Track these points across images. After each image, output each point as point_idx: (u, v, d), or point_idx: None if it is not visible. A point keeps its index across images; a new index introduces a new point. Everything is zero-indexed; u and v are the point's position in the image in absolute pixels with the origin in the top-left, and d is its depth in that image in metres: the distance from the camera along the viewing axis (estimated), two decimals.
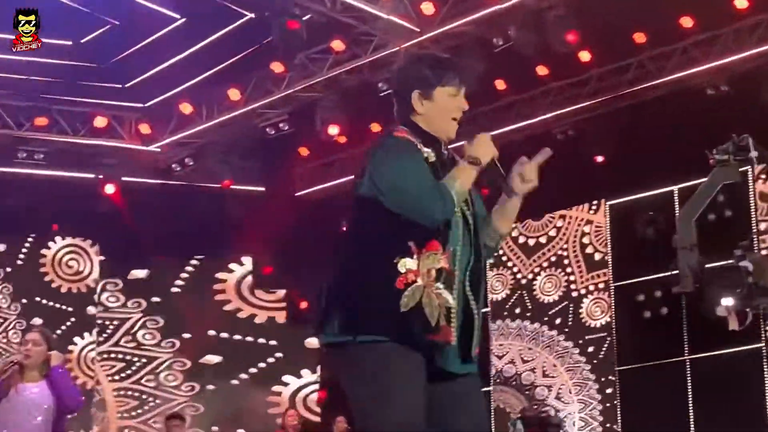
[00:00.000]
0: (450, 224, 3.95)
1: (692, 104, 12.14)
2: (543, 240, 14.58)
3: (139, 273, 15.43)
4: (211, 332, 15.50)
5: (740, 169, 10.29)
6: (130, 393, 15.37)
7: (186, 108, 13.80)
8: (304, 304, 15.20)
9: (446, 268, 3.91)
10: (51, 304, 15.03)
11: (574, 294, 14.21)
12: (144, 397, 15.37)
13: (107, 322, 15.32)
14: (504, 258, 14.78)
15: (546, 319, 14.39)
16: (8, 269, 14.87)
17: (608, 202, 14.04)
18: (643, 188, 13.44)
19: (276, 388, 15.45)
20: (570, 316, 14.20)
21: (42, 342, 7.42)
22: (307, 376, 15.50)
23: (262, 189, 14.94)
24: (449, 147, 4.15)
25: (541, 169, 4.18)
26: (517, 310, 14.64)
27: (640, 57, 12.59)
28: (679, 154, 11.80)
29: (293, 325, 15.32)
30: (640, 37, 12.19)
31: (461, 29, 11.90)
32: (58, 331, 14.80)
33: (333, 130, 13.25)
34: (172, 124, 14.12)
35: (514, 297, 14.70)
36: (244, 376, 15.38)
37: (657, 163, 12.66)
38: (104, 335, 15.29)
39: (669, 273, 12.53)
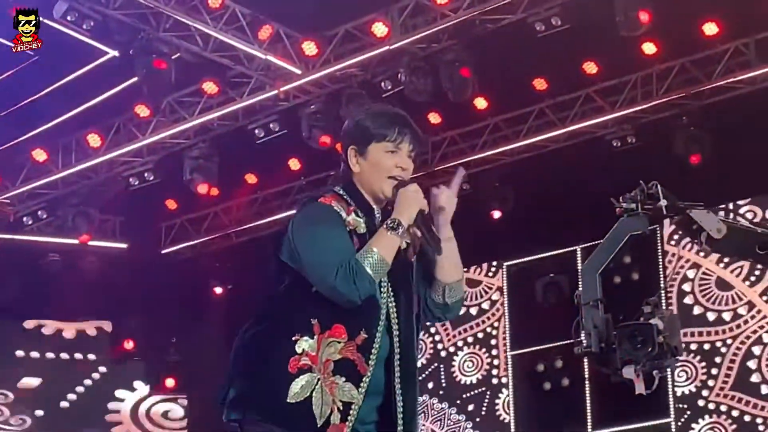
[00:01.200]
0: (366, 306, 3.84)
1: (597, 156, 12.10)
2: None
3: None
4: None
5: (649, 227, 10.18)
6: None
7: (39, 155, 13.39)
8: (170, 382, 14.84)
9: (350, 359, 3.81)
10: None
11: (443, 353, 13.93)
12: None
13: None
14: None
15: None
16: None
17: (505, 263, 13.85)
18: (543, 247, 13.30)
19: None
20: (442, 376, 13.92)
21: None
22: None
23: (125, 246, 14.59)
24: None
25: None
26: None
27: (540, 105, 12.49)
28: (582, 210, 11.61)
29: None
30: (540, 84, 12.10)
31: (346, 72, 11.81)
32: None
33: (202, 188, 12.98)
34: (24, 173, 13.73)
35: None
36: None
37: (558, 220, 12.56)
38: None
39: (571, 341, 12.58)
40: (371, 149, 4.03)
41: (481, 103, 12.27)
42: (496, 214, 13.01)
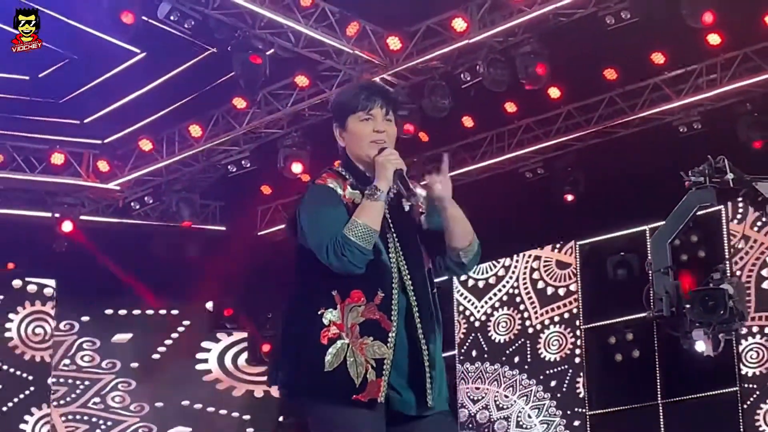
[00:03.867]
0: (376, 268, 3.90)
1: (664, 142, 11.97)
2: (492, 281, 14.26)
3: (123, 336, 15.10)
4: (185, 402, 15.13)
5: (714, 209, 10.14)
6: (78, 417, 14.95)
7: (146, 145, 13.51)
8: (266, 347, 14.89)
9: (373, 318, 3.85)
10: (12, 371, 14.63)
11: (530, 330, 13.84)
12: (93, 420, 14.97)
13: (78, 382, 14.92)
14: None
15: (504, 358, 14.02)
16: None
17: (578, 243, 13.76)
18: (613, 228, 13.22)
19: None
20: (528, 352, 13.85)
21: None
22: None
23: (223, 228, 14.66)
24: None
25: (512, 209, 4.05)
26: (474, 352, 14.27)
27: (610, 93, 12.39)
28: (651, 193, 11.51)
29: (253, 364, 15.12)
30: (610, 74, 12.01)
31: (428, 64, 11.73)
32: (15, 399, 14.48)
33: (296, 167, 12.90)
34: (132, 162, 13.85)
35: (470, 338, 14.34)
36: None
37: (628, 202, 12.47)
38: (73, 395, 14.87)
39: (640, 314, 12.53)
40: (349, 122, 4.09)
41: (554, 92, 12.18)
42: (569, 197, 12.95)
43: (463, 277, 14.25)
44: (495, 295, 14.16)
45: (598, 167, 12.57)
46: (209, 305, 15.23)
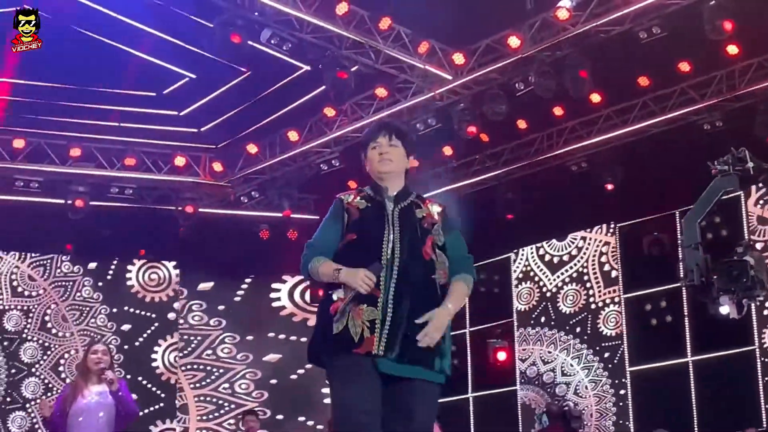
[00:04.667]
0: (368, 250, 4.06)
1: (690, 138, 11.81)
2: (566, 258, 14.14)
3: (207, 285, 15.28)
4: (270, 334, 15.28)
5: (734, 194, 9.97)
6: (208, 399, 15.12)
7: (252, 148, 13.66)
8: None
9: (371, 292, 3.99)
10: (137, 311, 14.80)
11: (593, 306, 13.72)
12: (221, 402, 15.11)
13: (192, 337, 15.08)
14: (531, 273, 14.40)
15: (567, 327, 13.93)
16: (99, 283, 14.70)
17: (618, 225, 13.68)
18: (648, 212, 13.11)
19: None
20: (588, 325, 13.72)
21: (108, 354, 7.33)
22: None
23: (317, 217, 14.46)
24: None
25: (560, 198, 4.01)
26: (542, 319, 14.21)
27: (643, 98, 12.26)
28: (679, 182, 11.49)
29: None
30: (643, 81, 11.89)
31: (488, 76, 11.66)
32: (144, 335, 14.60)
33: None
34: (240, 162, 13.98)
35: (540, 307, 14.27)
36: (301, 371, 14.93)
37: (660, 190, 12.41)
38: (189, 349, 15.05)
39: (672, 285, 12.46)
40: (367, 152, 4.31)
41: (595, 97, 12.06)
42: (609, 186, 12.81)
43: (541, 252, 14.27)
44: (566, 271, 14.04)
45: (634, 161, 12.44)
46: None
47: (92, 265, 14.72)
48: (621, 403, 13.29)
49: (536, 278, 14.32)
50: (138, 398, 13.29)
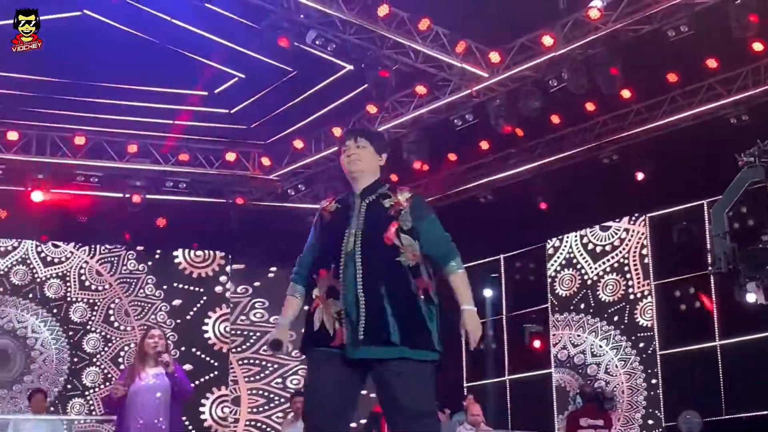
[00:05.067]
0: (329, 250, 4.23)
1: (717, 131, 11.86)
2: (608, 248, 14.24)
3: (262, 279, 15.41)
4: None
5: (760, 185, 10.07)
6: (261, 392, 15.45)
7: (298, 144, 13.82)
8: None
9: (332, 285, 4.18)
10: (186, 287, 15.17)
11: (631, 297, 13.82)
12: (272, 396, 15.44)
13: (251, 333, 15.41)
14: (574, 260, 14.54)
15: (606, 316, 14.04)
16: (149, 263, 15.11)
17: (648, 215, 13.78)
18: (677, 202, 13.19)
19: None
20: (626, 315, 13.82)
21: (164, 338, 7.56)
22: None
23: None
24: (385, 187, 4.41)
25: (593, 189, 4.16)
26: (582, 306, 14.35)
27: (672, 93, 12.33)
28: (707, 173, 11.62)
29: None
30: (672, 77, 11.95)
31: (522, 74, 11.74)
32: (195, 308, 15.02)
33: (417, 162, 13.03)
34: (288, 158, 14.15)
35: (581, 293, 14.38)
36: None
37: (689, 181, 12.44)
38: (247, 344, 15.39)
39: (700, 272, 12.55)
40: (341, 159, 4.46)
41: (626, 93, 12.06)
42: (640, 176, 12.84)
43: (584, 240, 14.35)
44: (608, 260, 14.11)
45: (664, 153, 12.47)
46: None
47: (150, 256, 15.11)
48: (652, 391, 13.39)
49: (578, 265, 14.39)
50: (193, 368, 13.65)
